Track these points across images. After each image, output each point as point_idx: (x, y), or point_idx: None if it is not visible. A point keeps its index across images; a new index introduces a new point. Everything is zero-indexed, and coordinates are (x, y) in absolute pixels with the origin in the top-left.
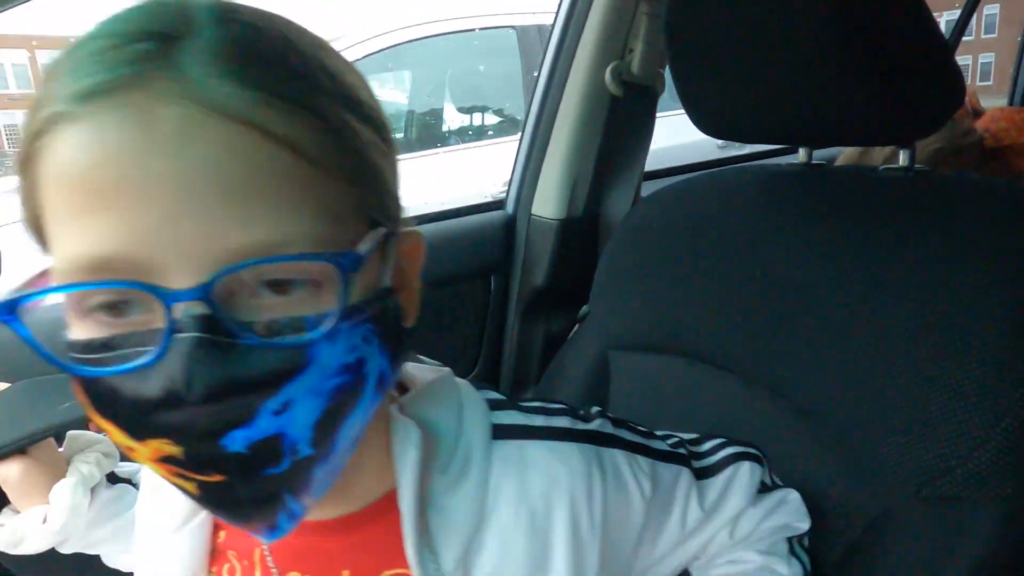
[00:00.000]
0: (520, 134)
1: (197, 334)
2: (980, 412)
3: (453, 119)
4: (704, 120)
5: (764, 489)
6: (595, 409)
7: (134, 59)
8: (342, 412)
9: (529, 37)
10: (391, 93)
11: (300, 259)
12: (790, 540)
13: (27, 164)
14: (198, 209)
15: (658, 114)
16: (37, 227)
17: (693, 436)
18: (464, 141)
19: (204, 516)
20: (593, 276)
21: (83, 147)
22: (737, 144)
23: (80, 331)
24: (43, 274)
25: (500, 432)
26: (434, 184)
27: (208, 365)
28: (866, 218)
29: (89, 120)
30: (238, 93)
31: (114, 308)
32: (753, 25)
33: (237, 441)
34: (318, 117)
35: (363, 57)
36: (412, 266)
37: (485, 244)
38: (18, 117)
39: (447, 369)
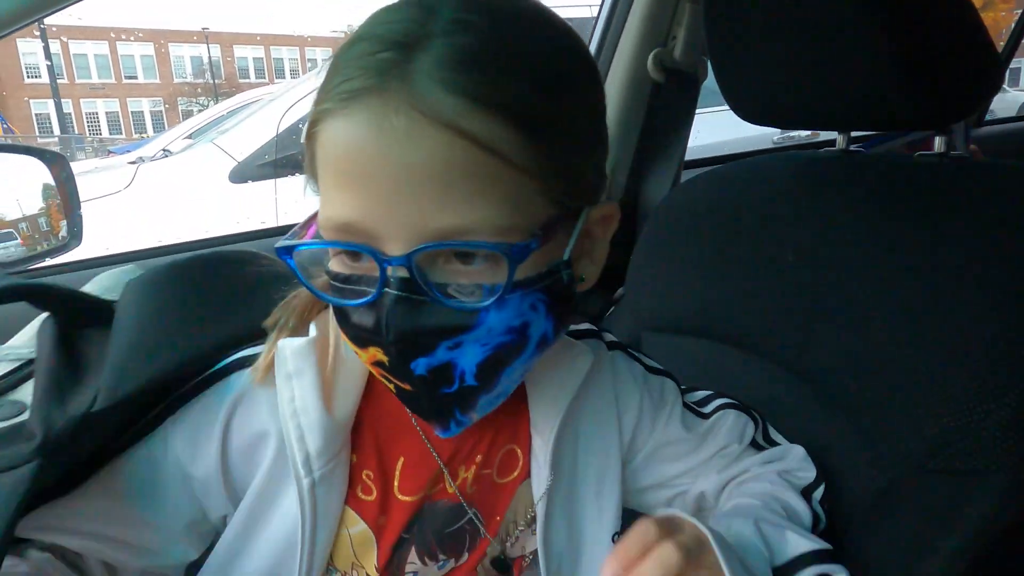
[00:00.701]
0: None
1: (397, 292)
2: (987, 386)
3: None
4: (741, 105)
5: (759, 447)
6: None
7: (379, 69)
8: (504, 362)
9: (586, 29)
10: None
11: (480, 246)
12: (803, 492)
13: (309, 141)
14: (410, 198)
15: (716, 108)
16: (312, 176)
17: (688, 387)
18: None
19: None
20: (629, 259)
21: (340, 138)
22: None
23: (334, 264)
24: (307, 223)
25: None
26: None
27: (401, 316)
28: (898, 202)
29: (345, 118)
30: (454, 104)
31: (352, 255)
32: (790, 10)
33: (420, 366)
34: (519, 123)
35: None
36: (603, 233)
37: None
38: (99, 105)
39: None
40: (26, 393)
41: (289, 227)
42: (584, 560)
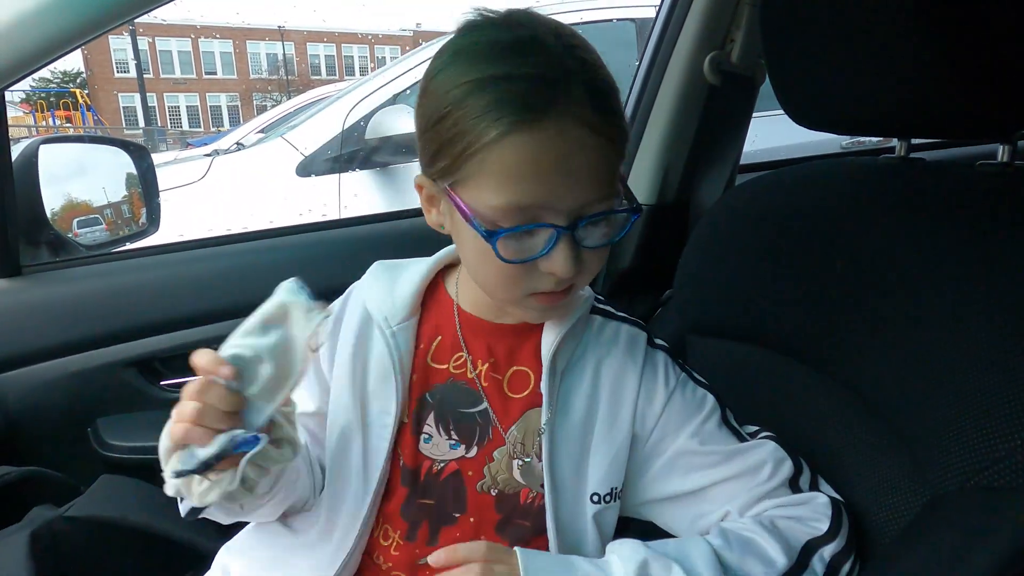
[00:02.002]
0: None
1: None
2: None
3: None
4: (797, 110)
5: (796, 490)
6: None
7: (549, 99)
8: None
9: (648, 30)
10: None
11: (613, 213)
12: (808, 543)
13: (468, 157)
14: (575, 186)
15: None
16: (460, 155)
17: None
18: None
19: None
20: (678, 261)
21: (529, 146)
22: (863, 143)
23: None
24: (467, 218)
25: (596, 311)
26: None
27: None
28: (958, 212)
29: (531, 133)
30: (601, 119)
31: (528, 232)
32: (850, 14)
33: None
34: (622, 127)
35: None
36: None
37: None
38: (181, 100)
39: None
40: None
41: (349, 220)
42: (579, 507)
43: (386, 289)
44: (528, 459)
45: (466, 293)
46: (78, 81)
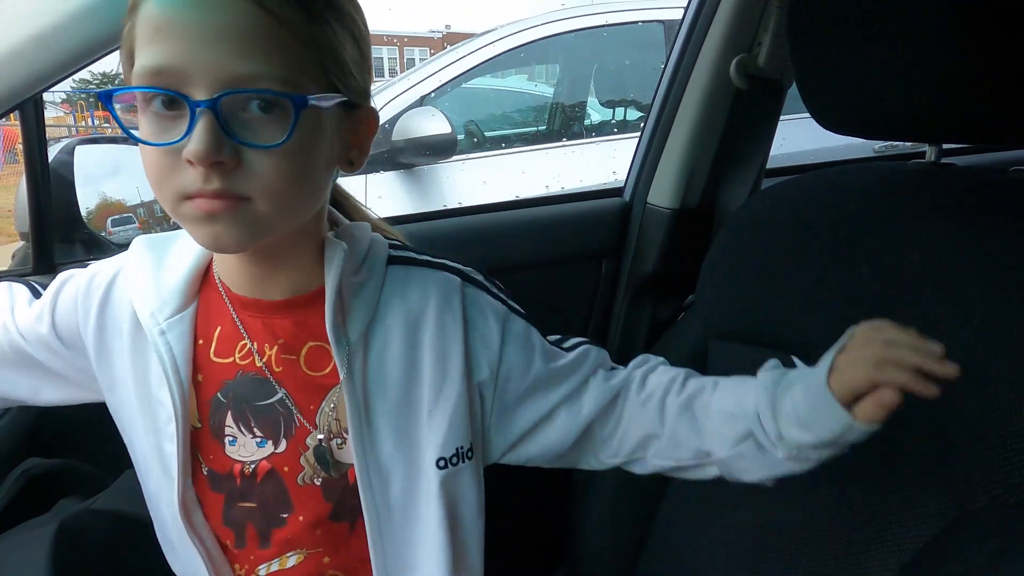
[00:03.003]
0: (642, 124)
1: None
2: None
3: (596, 112)
4: (824, 114)
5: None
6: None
7: None
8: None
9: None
10: (538, 86)
11: (266, 93)
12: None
13: (129, 14)
14: (213, 47)
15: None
16: (128, 54)
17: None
18: (604, 134)
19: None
20: (701, 265)
21: (159, 7)
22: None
23: (142, 122)
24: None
25: (395, 260)
26: (574, 174)
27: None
28: (990, 218)
29: None
30: None
31: (167, 103)
32: (880, 17)
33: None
34: (301, 7)
35: (512, 49)
36: (367, 132)
37: (600, 229)
38: (388, 104)
39: (367, 223)
40: None
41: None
42: (414, 478)
43: (151, 276)
44: (347, 436)
45: (227, 270)
46: (116, 82)
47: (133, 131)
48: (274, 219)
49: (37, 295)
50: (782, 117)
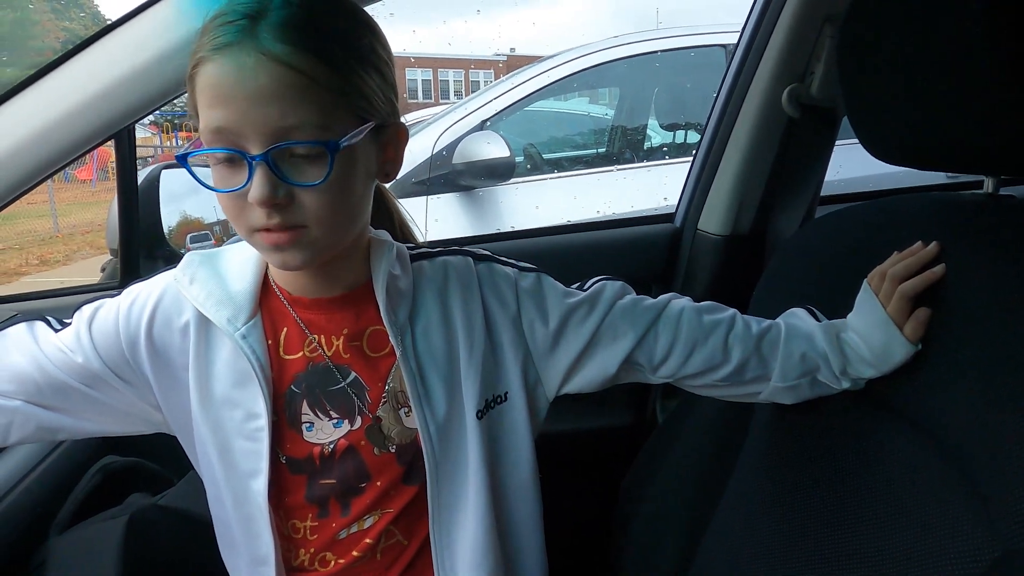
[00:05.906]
0: (695, 150)
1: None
2: None
3: (656, 134)
4: (876, 144)
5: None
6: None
7: (237, 31)
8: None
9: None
10: (599, 108)
11: (305, 144)
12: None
13: (190, 81)
14: (259, 108)
15: None
16: (193, 106)
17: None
18: (664, 158)
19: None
20: (752, 293)
21: (215, 74)
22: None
23: (214, 172)
24: (194, 142)
25: (416, 256)
26: (634, 198)
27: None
28: None
29: (217, 61)
30: (283, 49)
31: (228, 162)
32: (931, 41)
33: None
34: (325, 59)
35: (575, 73)
36: (398, 144)
37: (650, 254)
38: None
39: (385, 231)
40: None
41: (434, 243)
42: (463, 433)
43: (217, 287)
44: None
45: (288, 278)
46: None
47: (207, 181)
48: (329, 240)
49: (56, 328)
50: (842, 142)
